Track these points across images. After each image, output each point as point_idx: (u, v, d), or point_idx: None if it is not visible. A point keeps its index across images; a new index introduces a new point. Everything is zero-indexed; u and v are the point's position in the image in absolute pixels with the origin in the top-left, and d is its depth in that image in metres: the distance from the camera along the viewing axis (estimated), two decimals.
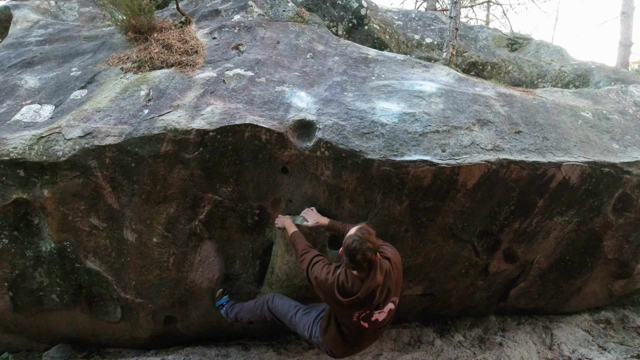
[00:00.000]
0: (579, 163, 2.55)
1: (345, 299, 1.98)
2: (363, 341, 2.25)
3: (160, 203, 2.47)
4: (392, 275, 2.04)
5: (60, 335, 2.97)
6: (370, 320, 2.07)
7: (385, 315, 2.10)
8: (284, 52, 3.14)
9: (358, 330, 2.12)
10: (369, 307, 2.01)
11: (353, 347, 2.27)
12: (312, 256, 2.19)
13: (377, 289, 1.96)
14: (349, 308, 2.02)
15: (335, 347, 2.25)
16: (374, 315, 2.06)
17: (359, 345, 2.28)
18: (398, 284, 2.11)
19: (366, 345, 2.33)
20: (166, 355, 2.93)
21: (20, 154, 2.30)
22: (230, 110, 2.43)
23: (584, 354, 3.17)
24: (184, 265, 2.65)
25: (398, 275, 2.10)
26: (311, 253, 2.22)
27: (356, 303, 1.98)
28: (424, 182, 2.42)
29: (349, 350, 2.30)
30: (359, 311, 2.04)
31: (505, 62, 4.66)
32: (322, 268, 2.11)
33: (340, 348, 2.25)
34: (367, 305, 2.00)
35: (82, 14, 3.99)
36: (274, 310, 2.50)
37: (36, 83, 2.86)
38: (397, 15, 5.09)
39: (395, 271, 2.07)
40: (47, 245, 2.55)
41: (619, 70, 4.49)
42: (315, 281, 2.09)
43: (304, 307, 2.45)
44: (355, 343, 2.24)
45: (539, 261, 3.07)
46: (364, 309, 2.03)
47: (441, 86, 2.81)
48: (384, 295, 2.01)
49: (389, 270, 2.03)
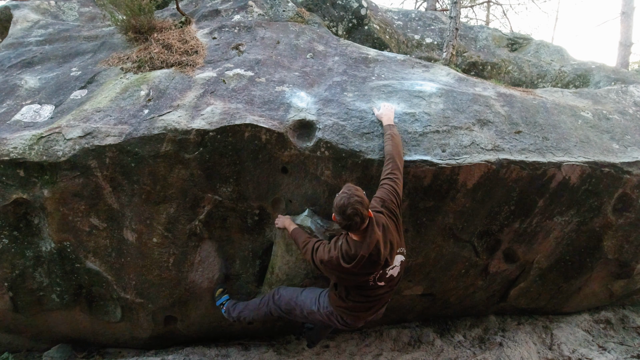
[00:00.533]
0: (579, 163, 2.55)
1: (352, 265, 1.97)
2: (379, 302, 2.25)
3: (160, 203, 2.47)
4: (389, 227, 2.04)
5: (60, 335, 2.97)
6: (386, 279, 2.11)
7: (398, 269, 2.14)
8: (284, 52, 3.14)
9: (375, 293, 2.15)
10: (378, 265, 2.01)
11: (368, 311, 2.27)
12: (312, 244, 2.20)
13: (378, 243, 1.96)
14: (361, 274, 2.03)
15: (351, 315, 2.25)
16: (388, 273, 2.09)
17: (375, 307, 2.27)
18: (399, 234, 2.12)
19: (380, 305, 2.30)
20: (166, 355, 2.93)
21: (20, 154, 2.30)
22: (230, 110, 2.43)
23: (584, 354, 3.17)
24: (184, 265, 2.65)
25: (395, 225, 2.10)
26: (312, 242, 2.22)
27: (365, 264, 1.97)
28: (424, 182, 2.42)
29: (365, 315, 2.29)
30: (372, 274, 2.05)
31: (505, 62, 4.66)
32: (324, 249, 2.12)
33: (359, 313, 2.25)
34: (377, 264, 2.00)
35: (82, 14, 3.99)
36: (279, 301, 2.50)
37: (36, 83, 2.86)
38: (397, 15, 5.09)
39: (392, 220, 2.08)
40: (47, 245, 2.55)
41: (619, 70, 4.49)
42: (322, 265, 2.10)
43: (309, 287, 2.52)
44: (372, 306, 2.24)
45: (539, 261, 3.07)
46: (376, 270, 2.04)
47: (441, 86, 2.81)
48: (388, 248, 2.02)
49: (385, 224, 2.03)
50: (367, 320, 2.37)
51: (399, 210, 2.15)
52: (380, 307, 2.32)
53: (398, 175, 2.17)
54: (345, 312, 2.25)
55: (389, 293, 2.25)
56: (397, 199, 2.13)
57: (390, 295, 2.30)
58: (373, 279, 2.09)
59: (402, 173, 2.21)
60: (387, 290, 2.20)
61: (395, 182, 2.14)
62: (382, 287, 2.15)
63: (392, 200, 2.11)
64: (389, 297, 2.31)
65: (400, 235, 2.14)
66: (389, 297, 2.32)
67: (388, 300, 2.33)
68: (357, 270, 2.00)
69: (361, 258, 1.95)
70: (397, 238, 2.09)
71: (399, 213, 2.15)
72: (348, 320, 2.30)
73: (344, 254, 2.01)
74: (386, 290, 2.20)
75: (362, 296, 2.17)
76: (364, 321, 2.36)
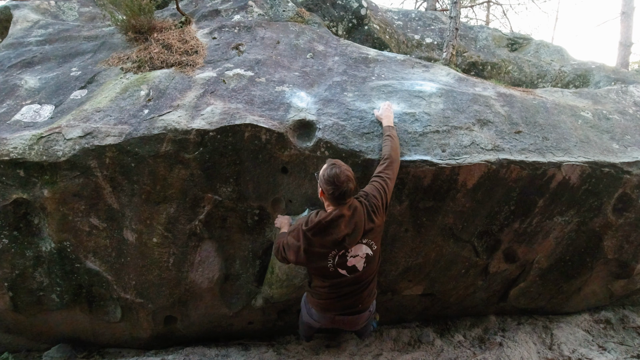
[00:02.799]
0: (579, 163, 2.55)
1: (309, 227, 1.96)
2: (346, 299, 2.17)
3: (160, 203, 2.47)
4: (360, 212, 1.98)
5: (60, 335, 2.97)
6: (347, 267, 2.03)
7: (362, 262, 2.05)
8: (284, 52, 3.14)
9: (339, 283, 2.09)
10: (336, 241, 1.95)
11: (335, 305, 2.20)
12: (280, 241, 2.16)
13: (342, 218, 1.92)
14: (318, 248, 1.98)
15: (318, 307, 2.24)
16: (349, 260, 2.02)
17: (343, 303, 2.19)
18: (375, 229, 2.05)
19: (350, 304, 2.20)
20: (166, 355, 2.93)
21: (20, 154, 2.30)
22: (230, 110, 2.43)
23: (584, 354, 3.17)
24: (184, 265, 2.65)
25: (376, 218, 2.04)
26: (280, 239, 2.17)
27: (322, 232, 1.94)
28: (424, 182, 2.42)
29: (333, 312, 2.24)
30: (329, 251, 1.98)
31: (505, 62, 4.67)
32: (291, 237, 2.08)
33: (325, 306, 2.21)
34: (334, 239, 1.94)
35: (82, 14, 3.99)
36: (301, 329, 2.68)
37: (36, 83, 2.86)
38: (397, 15, 5.09)
39: (371, 214, 2.02)
40: (47, 245, 2.55)
41: (619, 70, 4.49)
42: (293, 254, 2.04)
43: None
44: (339, 301, 2.18)
45: (539, 261, 3.07)
46: (334, 248, 1.97)
47: (441, 86, 2.81)
48: (351, 228, 1.95)
49: (358, 208, 1.98)
50: (338, 323, 2.30)
51: (383, 209, 2.07)
52: (351, 308, 2.22)
53: (390, 176, 2.12)
54: (313, 303, 2.23)
55: (358, 294, 2.16)
56: (383, 197, 2.06)
57: (361, 299, 2.20)
58: (332, 263, 2.01)
59: (395, 175, 2.17)
60: (353, 287, 2.12)
61: (385, 181, 2.10)
62: (345, 279, 2.08)
63: (375, 196, 2.05)
64: (360, 301, 2.20)
65: (376, 233, 2.07)
66: (361, 302, 2.21)
67: (360, 305, 2.22)
68: (312, 237, 1.96)
69: (318, 222, 1.94)
70: (366, 226, 2.00)
71: (381, 212, 2.07)
72: (318, 314, 2.27)
73: (308, 221, 2.00)
74: (353, 288, 2.13)
75: (326, 287, 2.13)
76: (334, 321, 2.29)
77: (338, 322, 2.31)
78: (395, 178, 2.18)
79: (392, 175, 2.13)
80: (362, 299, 2.22)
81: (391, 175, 2.13)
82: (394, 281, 2.93)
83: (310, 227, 1.97)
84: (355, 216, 1.97)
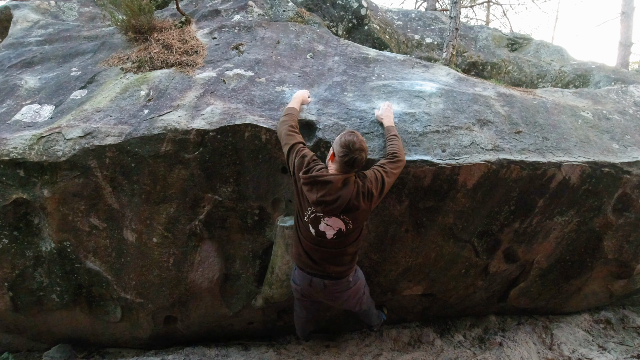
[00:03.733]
0: (579, 163, 2.55)
1: (303, 171, 2.02)
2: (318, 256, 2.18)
3: (160, 203, 2.47)
4: (351, 192, 1.99)
5: (60, 335, 2.97)
6: (318, 229, 2.08)
7: (332, 233, 2.07)
8: (284, 52, 3.14)
9: (310, 238, 2.14)
10: (316, 200, 1.99)
11: (308, 262, 2.22)
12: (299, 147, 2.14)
13: (329, 185, 1.97)
14: (304, 191, 2.04)
15: (299, 261, 2.28)
16: (322, 224, 2.06)
17: (316, 264, 2.20)
18: (359, 212, 2.04)
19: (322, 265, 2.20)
20: (166, 355, 2.93)
21: (20, 154, 2.30)
22: (230, 110, 2.43)
23: (584, 354, 3.17)
24: (184, 265, 2.65)
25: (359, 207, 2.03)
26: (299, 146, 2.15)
27: (310, 182, 2.00)
28: (424, 182, 2.42)
29: (308, 270, 2.25)
30: (309, 204, 2.04)
31: (505, 62, 4.67)
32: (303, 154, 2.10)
33: (304, 262, 2.25)
34: (314, 200, 1.99)
35: (82, 14, 3.99)
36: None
37: (36, 83, 2.86)
38: (397, 15, 5.09)
39: (354, 199, 2.00)
40: (47, 245, 2.55)
41: (619, 70, 4.49)
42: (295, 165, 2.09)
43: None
44: (311, 258, 2.20)
45: (539, 261, 3.07)
46: (313, 202, 2.01)
47: (441, 86, 2.81)
48: (332, 197, 1.97)
49: (351, 184, 2.00)
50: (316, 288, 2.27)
51: (375, 198, 2.05)
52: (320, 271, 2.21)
53: (394, 171, 2.11)
54: (294, 256, 2.29)
55: (325, 259, 2.17)
56: (379, 187, 2.05)
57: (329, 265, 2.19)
58: (308, 216, 2.08)
59: (398, 173, 2.15)
60: (321, 248, 2.14)
61: (387, 174, 2.08)
62: (314, 238, 2.12)
63: (372, 182, 2.04)
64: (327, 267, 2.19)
65: (361, 216, 2.07)
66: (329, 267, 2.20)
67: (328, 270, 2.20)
68: (299, 184, 2.05)
69: (311, 177, 1.99)
70: (350, 203, 1.99)
71: (372, 200, 2.05)
72: (298, 274, 2.31)
73: (310, 167, 2.04)
74: (321, 250, 2.15)
75: (302, 234, 2.18)
76: (312, 285, 2.27)
77: (316, 287, 2.28)
78: (397, 177, 2.18)
79: (395, 172, 2.13)
80: (330, 265, 2.21)
81: (395, 171, 2.13)
82: (394, 281, 2.93)
83: (304, 175, 2.02)
84: (343, 189, 1.99)
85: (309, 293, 2.36)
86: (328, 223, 2.06)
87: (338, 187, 1.98)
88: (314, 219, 2.08)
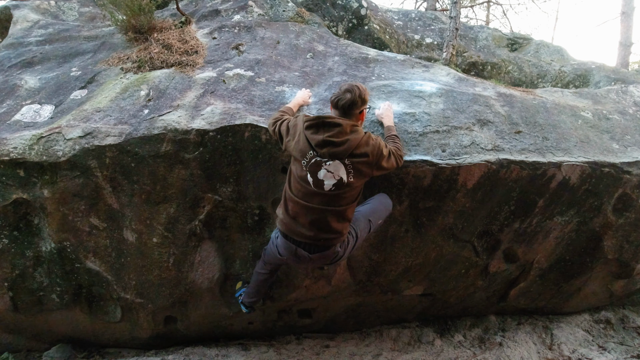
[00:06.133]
0: (579, 163, 2.55)
1: (308, 117, 2.01)
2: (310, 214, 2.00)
3: (160, 203, 2.47)
4: (359, 141, 1.95)
5: (60, 335, 2.97)
6: (317, 177, 1.94)
7: (332, 182, 1.94)
8: (284, 52, 3.14)
9: (304, 191, 1.98)
10: (320, 145, 1.91)
11: (297, 223, 2.03)
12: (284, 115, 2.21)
13: (337, 126, 1.92)
14: (307, 135, 1.96)
15: (284, 224, 2.08)
16: (322, 170, 1.93)
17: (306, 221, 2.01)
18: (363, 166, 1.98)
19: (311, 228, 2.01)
20: (166, 355, 2.93)
21: (20, 154, 2.30)
22: (230, 110, 2.43)
23: (584, 354, 3.17)
24: (184, 265, 2.65)
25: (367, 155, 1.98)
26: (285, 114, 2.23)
27: (315, 126, 1.95)
28: (424, 182, 2.42)
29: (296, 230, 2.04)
30: (311, 150, 1.94)
31: (505, 62, 4.67)
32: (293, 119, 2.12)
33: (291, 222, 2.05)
34: (320, 141, 1.91)
35: (82, 14, 3.99)
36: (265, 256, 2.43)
37: (36, 83, 2.86)
38: (397, 15, 5.09)
39: (363, 146, 1.96)
40: (47, 245, 2.55)
41: (619, 70, 4.49)
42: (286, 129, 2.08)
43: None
44: (302, 216, 2.01)
45: (539, 261, 3.07)
46: (316, 151, 1.93)
47: (441, 86, 2.81)
48: (341, 139, 1.91)
49: (360, 134, 1.96)
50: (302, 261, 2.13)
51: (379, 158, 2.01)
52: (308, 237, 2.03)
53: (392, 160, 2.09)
54: (280, 223, 2.11)
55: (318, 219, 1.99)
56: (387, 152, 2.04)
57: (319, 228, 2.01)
58: (307, 163, 1.95)
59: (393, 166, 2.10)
60: (314, 211, 1.98)
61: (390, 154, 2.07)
62: (309, 190, 1.96)
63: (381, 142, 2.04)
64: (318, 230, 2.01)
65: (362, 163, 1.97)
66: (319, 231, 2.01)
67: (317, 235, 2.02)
68: (305, 130, 1.97)
69: (319, 117, 1.97)
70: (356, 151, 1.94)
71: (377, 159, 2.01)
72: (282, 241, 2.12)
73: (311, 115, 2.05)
74: (313, 213, 1.98)
75: (293, 195, 2.02)
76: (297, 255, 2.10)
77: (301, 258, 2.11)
78: (390, 169, 2.13)
79: (392, 161, 2.09)
80: (319, 232, 2.03)
81: (392, 161, 2.09)
82: (394, 281, 2.93)
83: (311, 116, 2.01)
84: (351, 134, 1.94)
85: (291, 262, 2.22)
86: (329, 169, 1.93)
87: (346, 131, 1.93)
88: (314, 164, 1.94)
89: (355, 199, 2.09)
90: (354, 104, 1.98)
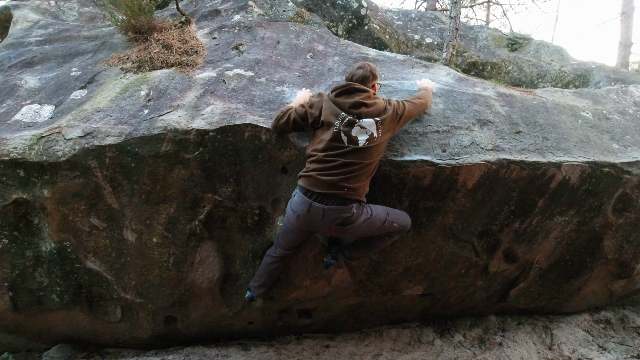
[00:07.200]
0: (579, 163, 2.55)
1: (335, 89, 2.25)
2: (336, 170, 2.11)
3: (160, 203, 2.47)
4: (384, 101, 2.25)
5: (60, 335, 2.97)
6: (351, 135, 2.13)
7: (365, 137, 2.13)
8: (284, 52, 3.14)
9: (336, 148, 2.13)
10: (353, 106, 2.16)
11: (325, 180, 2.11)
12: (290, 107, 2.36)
13: (365, 92, 2.21)
14: (337, 105, 2.19)
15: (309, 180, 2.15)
16: (355, 127, 2.14)
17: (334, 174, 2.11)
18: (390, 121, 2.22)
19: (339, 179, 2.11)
20: (166, 355, 2.93)
21: (20, 154, 2.30)
22: (230, 110, 2.43)
23: (584, 354, 3.17)
24: (184, 265, 2.65)
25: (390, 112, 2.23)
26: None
27: (346, 92, 2.21)
28: (424, 182, 2.42)
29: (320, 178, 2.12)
30: (342, 112, 2.16)
31: (505, 62, 4.67)
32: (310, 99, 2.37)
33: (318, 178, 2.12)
34: (353, 103, 2.16)
35: (82, 14, 3.99)
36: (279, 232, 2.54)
37: (36, 83, 2.86)
38: (397, 15, 5.09)
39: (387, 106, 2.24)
40: (47, 245, 2.55)
41: (619, 70, 4.49)
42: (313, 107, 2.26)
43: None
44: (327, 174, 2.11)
45: (539, 261, 3.07)
46: (349, 112, 2.16)
47: (441, 86, 2.81)
48: (371, 101, 2.19)
49: (381, 100, 2.23)
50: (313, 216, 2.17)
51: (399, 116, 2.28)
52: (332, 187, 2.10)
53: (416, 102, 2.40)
54: (303, 180, 2.17)
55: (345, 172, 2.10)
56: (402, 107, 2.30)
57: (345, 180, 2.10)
58: (340, 124, 2.15)
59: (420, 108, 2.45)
60: (345, 160, 2.10)
61: (408, 102, 2.36)
62: (341, 149, 2.11)
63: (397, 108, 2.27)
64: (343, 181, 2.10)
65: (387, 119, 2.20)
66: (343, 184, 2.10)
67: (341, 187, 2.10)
68: (335, 97, 2.21)
69: (347, 84, 2.23)
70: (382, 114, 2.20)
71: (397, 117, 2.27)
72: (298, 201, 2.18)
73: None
74: (344, 162, 2.10)
75: (320, 154, 2.14)
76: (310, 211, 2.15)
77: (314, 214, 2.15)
78: (410, 115, 2.37)
79: (416, 104, 2.41)
80: (346, 180, 2.11)
81: (416, 103, 2.41)
82: (394, 281, 2.93)
83: (340, 85, 2.25)
84: (376, 99, 2.24)
85: (304, 221, 2.22)
86: (362, 125, 2.15)
87: (372, 96, 2.23)
88: (347, 123, 2.14)
89: (379, 155, 2.27)
90: (366, 77, 2.27)
